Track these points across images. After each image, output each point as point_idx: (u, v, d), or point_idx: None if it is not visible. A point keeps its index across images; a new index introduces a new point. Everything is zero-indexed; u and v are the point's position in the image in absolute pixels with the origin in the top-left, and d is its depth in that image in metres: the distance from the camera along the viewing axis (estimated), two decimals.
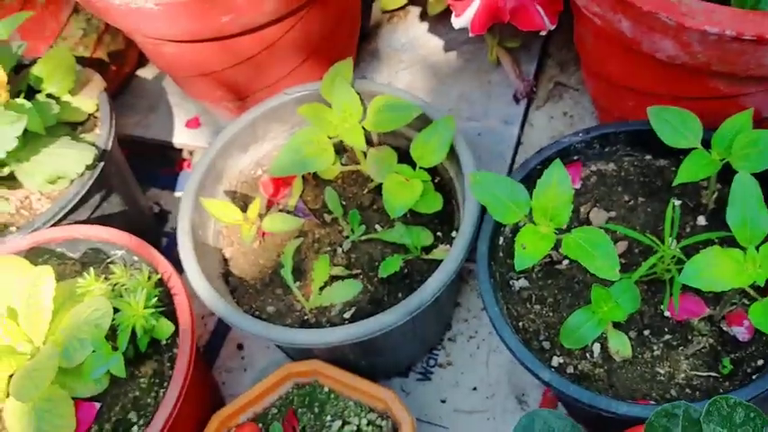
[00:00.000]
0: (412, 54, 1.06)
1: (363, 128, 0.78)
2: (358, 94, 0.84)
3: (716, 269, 0.57)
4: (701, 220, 0.72)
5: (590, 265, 0.61)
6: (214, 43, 0.80)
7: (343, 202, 0.85)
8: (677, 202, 0.73)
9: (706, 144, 0.67)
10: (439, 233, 0.82)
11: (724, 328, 0.67)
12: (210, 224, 0.80)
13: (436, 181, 0.86)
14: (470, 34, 0.82)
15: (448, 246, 0.78)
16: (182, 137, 1.05)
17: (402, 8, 1.10)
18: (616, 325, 0.67)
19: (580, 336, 0.62)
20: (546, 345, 0.69)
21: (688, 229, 0.72)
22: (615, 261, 0.61)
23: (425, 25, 1.08)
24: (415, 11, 1.10)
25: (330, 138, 0.78)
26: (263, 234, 0.81)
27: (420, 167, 0.77)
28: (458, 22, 0.82)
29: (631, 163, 0.77)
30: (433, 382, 0.88)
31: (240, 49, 0.81)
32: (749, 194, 0.59)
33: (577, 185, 0.78)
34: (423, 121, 0.81)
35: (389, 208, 0.74)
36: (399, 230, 0.79)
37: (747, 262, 0.58)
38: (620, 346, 0.63)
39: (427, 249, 0.81)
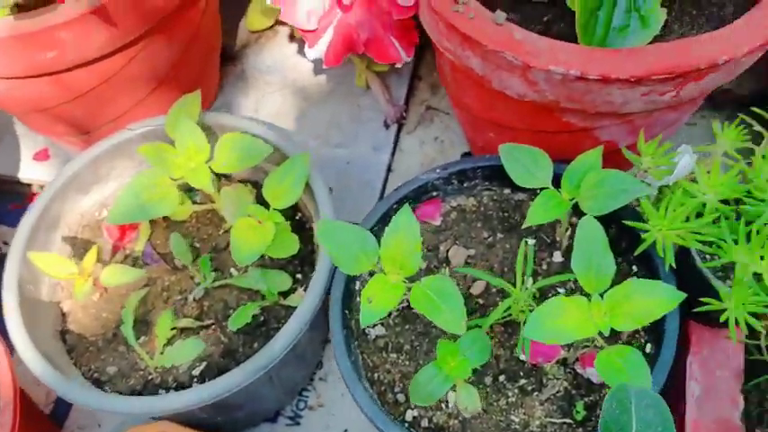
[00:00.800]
0: (280, 77, 1.01)
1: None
2: (209, 128, 0.79)
3: (560, 320, 0.55)
4: (558, 256, 0.71)
5: (436, 318, 0.58)
6: (45, 78, 0.73)
7: (197, 244, 0.80)
8: (531, 241, 0.71)
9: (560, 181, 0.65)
10: (299, 275, 0.78)
11: (578, 370, 0.66)
12: (45, 277, 0.73)
13: (297, 218, 0.82)
14: (324, 66, 0.78)
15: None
16: (29, 171, 0.96)
17: (270, 28, 1.05)
18: (472, 371, 0.65)
19: (429, 393, 0.59)
20: (401, 397, 0.66)
21: (544, 266, 0.71)
22: (462, 314, 0.58)
23: (294, 46, 1.03)
24: (283, 31, 1.05)
25: (175, 179, 0.72)
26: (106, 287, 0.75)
27: (274, 208, 0.73)
28: (311, 53, 0.78)
29: (491, 197, 0.75)
30: (303, 426, 0.84)
31: (75, 83, 0.75)
32: (594, 239, 0.58)
33: (438, 222, 0.75)
34: (281, 155, 0.77)
35: (237, 256, 0.69)
36: (254, 276, 0.74)
37: (593, 310, 0.56)
38: (468, 401, 0.61)
39: (287, 293, 0.77)
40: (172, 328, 0.74)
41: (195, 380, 0.72)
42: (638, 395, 0.42)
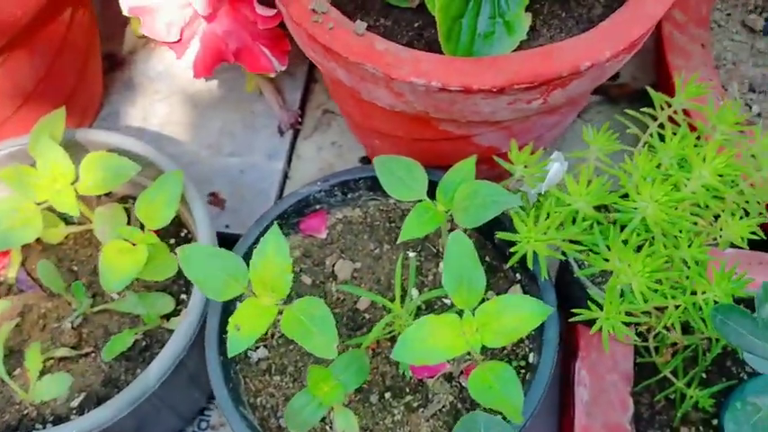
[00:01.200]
0: (169, 83, 0.97)
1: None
2: (81, 145, 0.75)
3: (430, 340, 0.54)
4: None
5: (307, 343, 0.56)
6: None
7: (75, 267, 0.76)
8: (412, 254, 0.70)
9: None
10: (184, 295, 0.75)
11: (464, 384, 0.64)
12: None
13: (183, 234, 0.79)
14: (194, 77, 0.74)
15: None
16: None
17: None
18: (358, 389, 0.63)
19: (304, 420, 0.57)
20: (283, 422, 0.64)
21: (431, 277, 0.70)
22: (332, 337, 0.56)
23: None
24: None
25: (39, 203, 0.68)
26: None
27: (150, 229, 0.70)
28: (181, 63, 0.74)
29: (377, 207, 0.73)
30: None
31: None
32: (463, 254, 0.56)
33: (323, 235, 0.73)
34: (159, 171, 0.74)
35: (105, 282, 0.65)
36: (131, 300, 0.71)
37: (465, 327, 0.55)
38: (346, 425, 0.59)
39: (172, 315, 0.74)
40: (49, 359, 0.70)
41: (74, 411, 0.69)
42: (487, 425, 0.41)
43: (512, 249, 0.57)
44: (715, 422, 0.66)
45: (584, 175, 0.58)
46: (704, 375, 0.68)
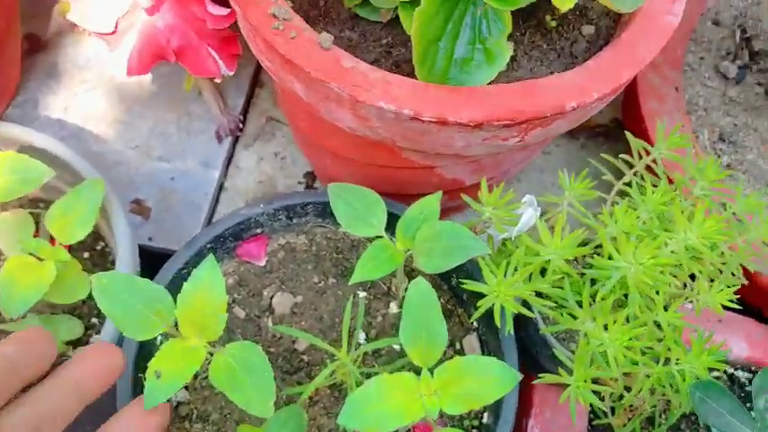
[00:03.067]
0: (97, 72, 0.87)
1: None
2: None
3: (383, 404, 0.47)
4: (394, 307, 0.63)
5: (239, 398, 0.48)
6: None
7: None
8: (362, 294, 0.63)
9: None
10: (95, 319, 0.66)
11: None
12: None
13: (99, 248, 0.70)
14: (127, 75, 0.66)
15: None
16: None
17: None
18: None
19: None
20: None
21: (379, 318, 0.63)
22: (270, 392, 0.48)
23: None
24: None
25: None
26: None
27: (61, 243, 0.61)
28: (113, 58, 0.65)
29: (324, 235, 0.66)
30: None
31: None
32: (426, 306, 0.50)
33: (262, 262, 0.65)
34: (77, 175, 0.65)
35: (5, 305, 0.56)
36: (32, 323, 0.61)
37: (422, 388, 0.49)
38: None
39: (77, 342, 0.64)
40: None
41: None
42: None
43: (479, 303, 0.52)
44: None
45: (559, 226, 0.52)
46: None
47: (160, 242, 0.79)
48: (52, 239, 0.61)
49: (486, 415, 0.58)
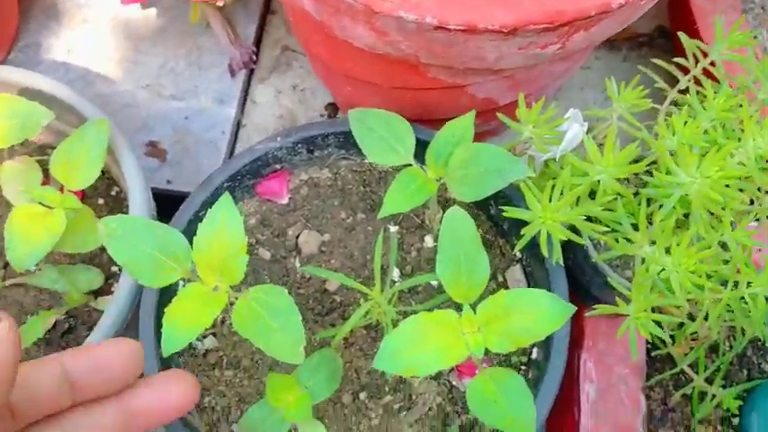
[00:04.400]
0: (99, 10, 0.82)
1: None
2: None
3: (422, 345, 0.43)
4: (429, 241, 0.59)
5: (266, 344, 0.44)
6: None
7: None
8: (394, 228, 0.59)
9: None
10: (115, 267, 0.63)
11: (454, 383, 0.54)
12: None
13: (114, 194, 0.66)
14: (122, 3, 0.60)
15: None
16: None
17: None
18: None
19: None
20: (236, 429, 0.53)
21: (414, 253, 0.59)
22: (299, 337, 0.44)
23: None
24: None
25: None
26: None
27: (70, 190, 0.57)
28: None
29: (350, 168, 0.62)
30: None
31: None
32: (464, 237, 0.45)
33: (285, 200, 0.61)
34: (83, 118, 0.60)
35: (13, 256, 0.53)
36: (50, 274, 0.58)
37: (464, 326, 0.44)
38: None
39: (99, 292, 0.61)
40: None
41: None
42: None
43: (522, 231, 0.47)
44: (736, 421, 0.58)
45: (609, 141, 0.47)
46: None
47: (180, 185, 0.75)
48: (62, 189, 0.58)
49: (534, 350, 0.54)
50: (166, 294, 0.53)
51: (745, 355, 0.61)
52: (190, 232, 0.47)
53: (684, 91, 0.53)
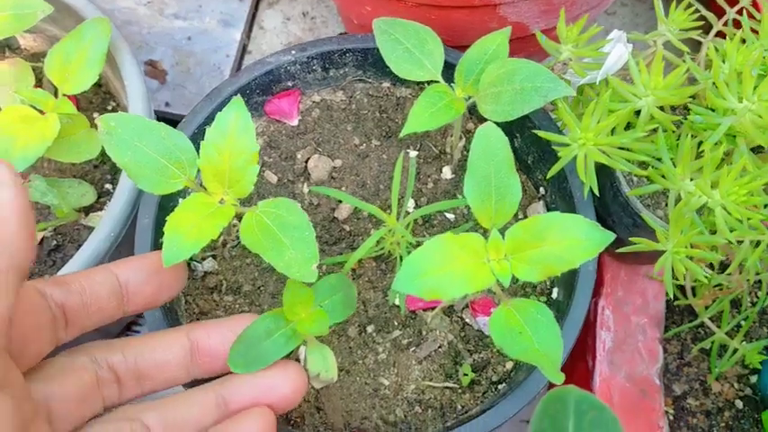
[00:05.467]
0: None
1: None
2: None
3: (443, 268, 0.40)
4: (447, 172, 0.55)
5: (276, 259, 0.41)
6: None
7: None
8: (413, 153, 0.55)
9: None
10: (109, 185, 0.59)
11: (467, 320, 0.51)
12: None
13: (110, 108, 0.62)
14: None
15: None
16: None
17: None
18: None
19: (262, 353, 0.42)
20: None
21: (430, 185, 0.55)
22: (312, 254, 0.41)
23: None
24: None
25: None
26: None
27: (64, 94, 0.53)
28: None
29: (365, 92, 0.58)
30: None
31: None
32: (495, 156, 0.42)
33: (295, 122, 0.57)
34: (80, 20, 0.56)
35: (2, 158, 0.49)
36: (38, 186, 0.54)
37: (490, 252, 0.41)
38: (321, 367, 0.44)
39: (90, 209, 0.58)
40: None
41: None
42: (579, 406, 0.28)
43: (560, 153, 0.43)
44: (754, 379, 0.56)
45: (657, 63, 0.43)
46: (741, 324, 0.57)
47: (179, 108, 0.71)
48: (56, 94, 0.53)
49: (555, 290, 0.51)
50: (166, 207, 0.49)
51: (766, 312, 0.58)
52: (194, 143, 0.43)
53: (732, 25, 0.49)
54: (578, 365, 0.57)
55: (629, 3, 0.79)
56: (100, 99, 0.62)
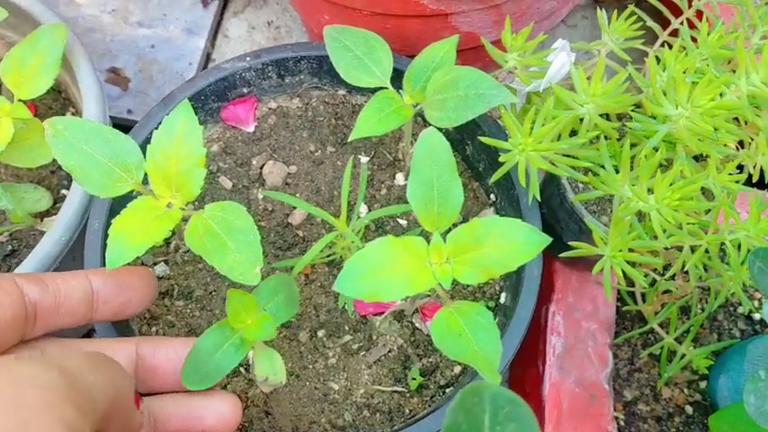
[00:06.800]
0: None
1: None
2: None
3: (387, 270, 0.40)
4: (401, 178, 0.56)
5: (220, 262, 0.41)
6: None
7: None
8: (365, 159, 0.56)
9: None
10: (65, 191, 0.59)
11: (417, 325, 0.52)
12: None
13: (70, 113, 0.62)
14: None
15: None
16: None
17: None
18: (283, 324, 0.50)
19: (217, 365, 0.42)
20: None
21: (384, 191, 0.56)
22: (256, 256, 0.41)
23: None
24: None
25: None
26: None
27: (19, 99, 0.53)
28: None
29: (321, 99, 0.58)
30: None
31: None
32: (438, 159, 0.42)
33: (251, 128, 0.58)
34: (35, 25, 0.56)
35: None
36: None
37: (432, 255, 0.41)
38: (269, 370, 0.45)
39: (46, 214, 0.58)
40: None
41: None
42: (494, 401, 0.28)
43: (501, 158, 0.44)
44: (703, 385, 0.57)
45: (598, 71, 0.44)
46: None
47: (141, 115, 0.71)
48: (11, 99, 0.54)
49: (503, 295, 0.52)
50: (117, 211, 0.49)
51: (716, 319, 0.59)
52: (145, 150, 0.43)
53: (675, 34, 0.51)
54: (529, 371, 0.57)
55: (589, 16, 0.80)
56: (60, 105, 0.62)
